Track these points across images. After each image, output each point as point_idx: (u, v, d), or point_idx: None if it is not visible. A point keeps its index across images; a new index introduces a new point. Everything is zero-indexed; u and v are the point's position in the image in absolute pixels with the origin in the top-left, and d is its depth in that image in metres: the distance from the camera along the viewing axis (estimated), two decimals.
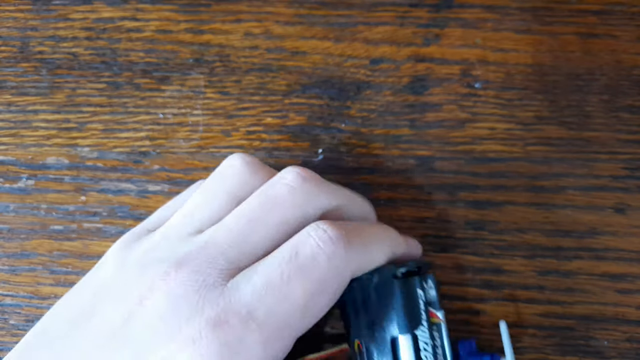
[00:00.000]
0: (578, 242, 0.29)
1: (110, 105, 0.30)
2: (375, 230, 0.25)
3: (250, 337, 0.20)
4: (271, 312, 0.20)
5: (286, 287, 0.21)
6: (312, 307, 0.21)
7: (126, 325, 0.21)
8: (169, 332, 0.20)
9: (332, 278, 0.21)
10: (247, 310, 0.20)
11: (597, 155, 0.29)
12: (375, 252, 0.24)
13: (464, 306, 0.29)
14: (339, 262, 0.21)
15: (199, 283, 0.21)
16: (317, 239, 0.22)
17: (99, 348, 0.21)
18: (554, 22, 0.30)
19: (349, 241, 0.22)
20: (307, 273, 0.21)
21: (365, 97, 0.30)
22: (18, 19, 0.31)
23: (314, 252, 0.21)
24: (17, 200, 0.29)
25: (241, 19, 0.30)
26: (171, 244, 0.23)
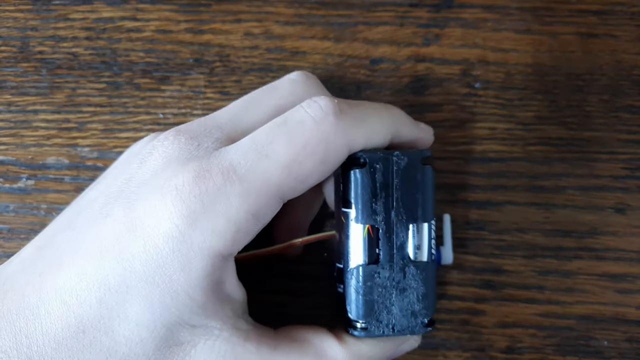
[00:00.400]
0: (578, 242, 0.29)
1: (110, 105, 0.30)
2: (377, 106, 0.24)
3: (230, 188, 0.21)
4: (252, 167, 0.21)
5: (269, 146, 0.21)
6: (296, 169, 0.21)
7: (126, 184, 0.22)
8: (158, 184, 0.21)
9: (318, 143, 0.21)
10: (230, 164, 0.21)
11: (597, 155, 0.29)
12: (375, 126, 0.23)
13: (464, 306, 0.29)
14: (327, 128, 0.22)
15: (193, 147, 0.22)
16: (307, 107, 0.22)
17: (102, 207, 0.22)
18: (554, 22, 0.30)
19: (341, 110, 0.22)
20: (291, 135, 0.21)
21: (366, 97, 0.30)
22: (18, 19, 0.31)
23: (301, 117, 0.22)
24: (17, 200, 0.29)
25: (241, 19, 0.30)
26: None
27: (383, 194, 0.23)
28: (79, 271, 0.21)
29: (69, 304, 0.21)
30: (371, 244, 0.23)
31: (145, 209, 0.21)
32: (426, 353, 0.28)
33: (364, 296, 0.23)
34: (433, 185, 0.23)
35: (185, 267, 0.20)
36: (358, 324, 0.23)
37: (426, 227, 0.23)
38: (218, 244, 0.21)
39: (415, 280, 0.23)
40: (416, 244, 0.23)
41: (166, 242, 0.20)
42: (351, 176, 0.23)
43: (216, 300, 0.21)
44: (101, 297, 0.20)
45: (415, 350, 0.28)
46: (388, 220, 0.23)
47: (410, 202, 0.23)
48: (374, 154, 0.23)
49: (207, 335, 0.22)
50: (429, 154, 0.23)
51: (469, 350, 0.28)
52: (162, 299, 0.21)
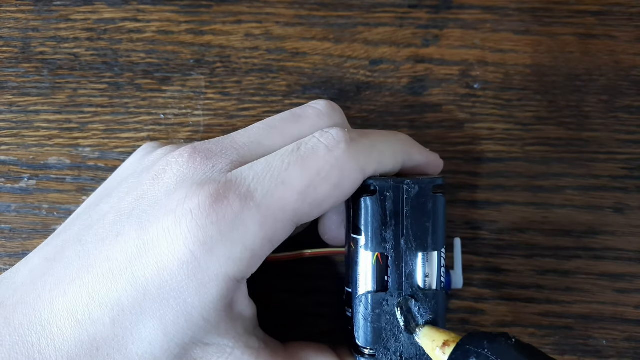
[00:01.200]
0: (577, 241, 0.29)
1: (112, 105, 0.30)
2: (387, 133, 0.25)
3: (247, 214, 0.21)
4: (269, 193, 0.21)
5: (285, 173, 0.21)
6: (311, 194, 0.21)
7: (138, 202, 0.22)
8: (172, 205, 0.21)
9: (331, 168, 0.22)
10: (247, 190, 0.21)
11: (595, 155, 0.30)
12: (386, 151, 0.23)
13: (463, 305, 0.29)
14: (339, 154, 0.22)
15: (208, 167, 0.22)
16: (319, 137, 0.22)
17: (113, 225, 0.22)
18: (552, 22, 0.30)
19: (352, 138, 0.22)
20: (305, 162, 0.22)
21: (365, 98, 0.30)
22: (19, 19, 0.31)
23: (314, 145, 0.22)
24: (19, 200, 0.30)
25: (242, 20, 0.30)
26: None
27: (393, 222, 0.23)
28: (90, 291, 0.21)
29: (81, 323, 0.21)
30: (380, 272, 0.23)
31: (159, 232, 0.21)
32: None
33: (372, 323, 0.23)
34: (444, 214, 0.23)
35: (200, 291, 0.21)
36: (366, 351, 0.23)
37: (436, 255, 0.23)
38: (234, 270, 0.21)
39: (424, 308, 0.23)
40: (425, 272, 0.23)
41: (181, 267, 0.20)
42: (361, 203, 0.23)
43: (229, 320, 0.22)
44: (115, 318, 0.21)
45: None
46: (397, 248, 0.23)
47: (420, 230, 0.23)
48: (385, 181, 0.23)
49: (220, 353, 0.22)
50: (441, 182, 0.23)
51: None
52: (176, 320, 0.21)
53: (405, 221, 0.23)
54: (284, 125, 0.24)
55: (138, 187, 0.23)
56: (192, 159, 0.23)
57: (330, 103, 0.25)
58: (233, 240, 0.21)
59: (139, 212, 0.22)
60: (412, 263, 0.23)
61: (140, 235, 0.21)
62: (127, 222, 0.22)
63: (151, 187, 0.22)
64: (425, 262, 0.23)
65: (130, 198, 0.23)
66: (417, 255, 0.23)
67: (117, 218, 0.22)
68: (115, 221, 0.22)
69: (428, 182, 0.23)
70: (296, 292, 0.29)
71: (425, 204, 0.23)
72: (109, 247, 0.21)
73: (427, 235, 0.23)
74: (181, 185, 0.22)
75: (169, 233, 0.21)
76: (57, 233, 0.24)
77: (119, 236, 0.22)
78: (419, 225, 0.23)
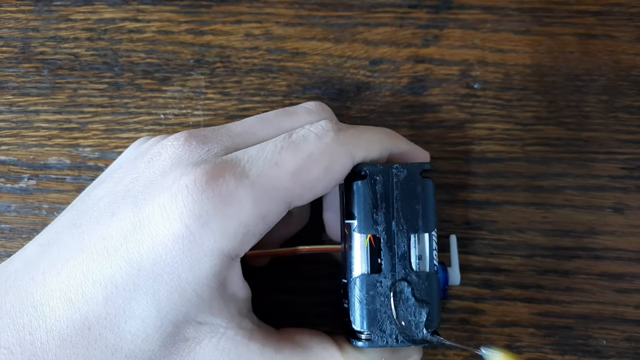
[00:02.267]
0: (577, 241, 0.29)
1: (112, 105, 0.30)
2: (373, 127, 0.26)
3: (242, 191, 0.21)
4: (263, 173, 0.22)
5: (278, 156, 0.22)
6: (303, 176, 0.22)
7: (133, 183, 0.23)
8: (167, 183, 0.22)
9: (321, 153, 0.22)
10: (242, 170, 0.22)
11: (595, 155, 0.30)
12: (373, 139, 0.24)
13: (463, 305, 0.29)
14: (328, 141, 0.23)
15: (203, 150, 0.23)
16: (309, 126, 0.23)
17: (108, 206, 0.22)
18: (552, 22, 0.30)
19: (340, 128, 0.24)
20: (297, 146, 0.22)
21: (365, 98, 0.30)
22: (19, 19, 0.31)
23: (305, 133, 0.23)
24: (19, 200, 0.30)
25: (242, 20, 0.30)
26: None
27: (384, 204, 0.23)
28: (84, 270, 0.21)
29: (74, 302, 0.21)
30: (373, 254, 0.23)
31: (154, 208, 0.21)
32: (425, 352, 0.28)
33: (366, 305, 0.23)
34: (433, 198, 0.24)
35: (194, 266, 0.21)
36: (362, 335, 0.23)
37: (427, 237, 0.24)
38: (228, 245, 0.21)
39: (418, 290, 0.23)
40: (418, 254, 0.23)
41: (176, 242, 0.21)
42: (353, 188, 0.23)
43: (222, 299, 0.22)
44: (108, 295, 0.21)
45: None
46: (389, 230, 0.23)
47: (410, 213, 0.23)
48: (375, 166, 0.23)
49: (213, 332, 0.22)
50: (429, 167, 0.24)
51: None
52: (170, 296, 0.21)
53: (396, 204, 0.23)
54: (277, 119, 0.25)
55: (133, 171, 0.23)
56: (188, 143, 0.23)
57: (320, 103, 0.26)
58: (228, 216, 0.21)
59: (134, 192, 0.22)
60: (404, 245, 0.23)
61: (136, 213, 0.21)
62: (122, 202, 0.22)
63: (146, 169, 0.23)
64: (417, 244, 0.24)
65: (126, 181, 0.23)
66: (408, 237, 0.23)
67: (112, 200, 0.22)
68: (110, 203, 0.22)
69: (416, 166, 0.24)
70: (297, 293, 0.29)
71: (414, 188, 0.24)
72: (104, 226, 0.22)
73: (417, 217, 0.23)
74: (177, 166, 0.22)
75: (164, 208, 0.21)
76: (52, 223, 0.25)
77: (114, 216, 0.22)
78: (409, 207, 0.23)
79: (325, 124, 0.23)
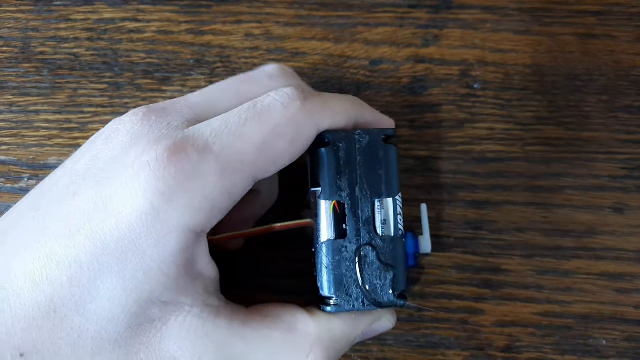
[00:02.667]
0: (576, 241, 0.29)
1: (112, 105, 0.30)
2: (339, 94, 0.25)
3: (206, 166, 0.21)
4: (227, 146, 0.21)
5: (242, 127, 0.22)
6: (268, 149, 0.22)
7: (93, 162, 0.22)
8: (129, 160, 0.21)
9: (287, 123, 0.22)
10: (205, 143, 0.21)
11: (595, 155, 0.30)
12: (339, 107, 0.24)
13: (462, 305, 0.29)
14: (294, 111, 0.22)
15: (163, 125, 0.22)
16: (274, 94, 0.23)
17: (68, 186, 0.22)
18: (552, 22, 0.30)
19: (305, 97, 0.23)
20: (262, 117, 0.22)
21: (365, 98, 0.30)
22: (19, 19, 0.31)
23: (270, 102, 0.23)
24: (19, 200, 0.30)
25: (242, 20, 0.30)
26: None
27: (347, 171, 0.24)
28: (48, 252, 0.21)
29: (39, 284, 0.20)
30: (338, 220, 0.24)
31: (116, 187, 0.21)
32: (425, 352, 0.28)
33: (333, 271, 0.23)
34: (397, 163, 0.24)
35: (159, 243, 0.21)
36: (331, 301, 0.23)
37: (391, 202, 0.24)
38: (193, 220, 0.21)
39: (383, 254, 0.23)
40: (382, 219, 0.24)
41: (140, 219, 0.20)
42: (317, 155, 0.24)
43: (188, 277, 0.22)
44: (72, 276, 0.20)
45: (414, 349, 0.28)
46: (353, 196, 0.24)
47: (373, 178, 0.24)
48: (337, 133, 0.24)
49: (178, 311, 0.22)
50: (392, 132, 0.24)
51: (468, 349, 0.29)
52: (135, 274, 0.21)
53: (359, 170, 0.24)
54: (238, 86, 0.25)
55: (91, 149, 0.23)
56: (147, 117, 0.23)
57: (281, 66, 0.26)
58: (192, 191, 0.21)
59: (94, 170, 0.22)
60: (367, 210, 0.24)
61: (98, 192, 0.21)
62: (82, 182, 0.22)
63: (104, 147, 0.22)
64: (381, 209, 0.24)
65: (84, 160, 0.22)
66: (372, 202, 0.24)
67: (72, 180, 0.22)
68: (70, 183, 0.22)
69: (378, 132, 0.24)
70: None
71: (376, 153, 0.24)
72: (66, 207, 0.21)
73: (380, 182, 0.24)
74: (137, 142, 0.22)
75: (127, 186, 0.21)
76: (12, 208, 0.24)
77: (76, 195, 0.21)
78: (372, 173, 0.24)
79: (291, 92, 0.23)
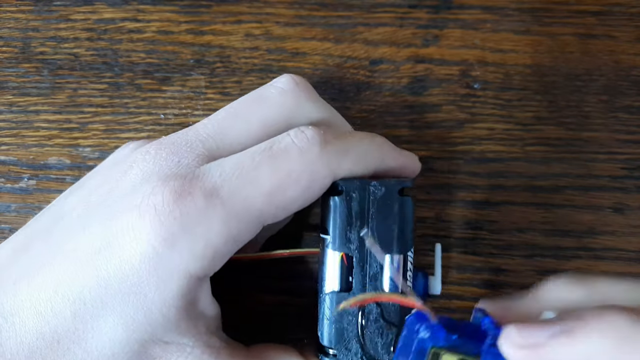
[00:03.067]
0: (577, 241, 0.29)
1: (112, 105, 0.30)
2: (362, 135, 0.24)
3: (211, 211, 0.20)
4: (236, 192, 0.21)
5: (253, 172, 0.21)
6: (279, 196, 0.21)
7: (106, 195, 0.22)
8: (137, 200, 0.21)
9: (303, 171, 0.21)
10: (212, 187, 0.21)
11: (595, 155, 0.30)
12: (359, 155, 0.23)
13: (463, 305, 0.29)
14: (312, 157, 0.21)
15: (173, 162, 0.22)
16: (293, 136, 0.22)
17: (81, 217, 0.22)
18: (552, 22, 0.30)
19: (326, 140, 0.22)
20: (276, 162, 0.21)
21: (365, 98, 0.30)
22: (19, 19, 0.31)
23: (287, 146, 0.22)
24: (19, 200, 0.30)
25: (242, 20, 0.30)
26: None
27: (358, 223, 0.23)
28: (54, 283, 0.21)
29: (43, 315, 0.21)
30: (344, 272, 0.23)
31: (123, 226, 0.21)
32: None
33: (334, 323, 0.23)
34: (412, 216, 0.23)
35: (160, 287, 0.20)
36: (330, 351, 0.23)
37: (401, 259, 0.23)
38: (195, 266, 0.21)
39: (387, 312, 0.23)
40: (391, 276, 0.23)
41: (142, 262, 0.20)
42: (328, 203, 0.23)
43: (190, 318, 0.22)
44: (76, 311, 0.21)
45: None
46: (362, 249, 0.23)
47: (385, 232, 0.23)
48: (352, 182, 0.23)
49: (179, 352, 0.22)
50: (410, 184, 0.23)
51: None
52: (136, 316, 0.21)
53: (371, 223, 0.23)
54: (248, 110, 0.24)
55: (107, 182, 0.23)
56: (158, 154, 0.22)
57: (292, 79, 0.24)
58: (195, 236, 0.20)
59: (105, 206, 0.22)
60: (376, 265, 0.23)
61: (105, 229, 0.21)
62: (94, 215, 0.22)
63: (119, 182, 0.22)
64: (391, 264, 0.23)
65: (100, 192, 0.23)
66: (382, 257, 0.23)
67: (85, 211, 0.22)
68: (83, 214, 0.22)
69: (395, 184, 0.23)
70: (295, 293, 0.29)
71: (391, 206, 0.23)
72: (76, 239, 0.21)
73: (392, 237, 0.23)
74: (147, 180, 0.22)
75: (132, 228, 0.21)
76: (28, 225, 0.24)
77: (85, 229, 0.22)
78: (385, 227, 0.23)
79: (311, 136, 0.22)
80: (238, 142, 0.23)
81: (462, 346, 0.19)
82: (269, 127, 0.23)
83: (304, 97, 0.24)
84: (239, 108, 0.24)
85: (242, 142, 0.23)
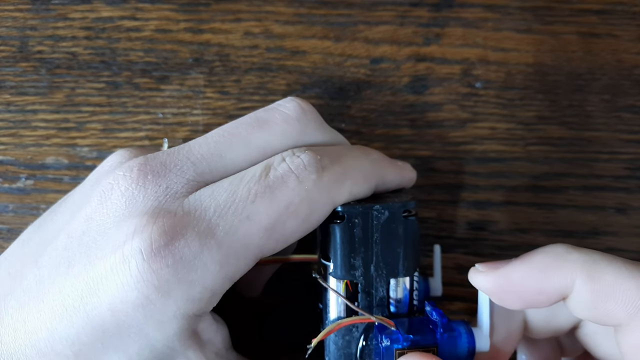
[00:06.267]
0: (579, 242, 0.29)
1: (110, 105, 0.30)
2: (358, 154, 0.23)
3: (207, 255, 0.19)
4: (232, 230, 0.19)
5: (250, 207, 0.20)
6: (278, 230, 0.20)
7: (87, 224, 0.20)
8: (120, 240, 0.19)
9: (301, 202, 0.20)
10: (207, 226, 0.19)
11: (598, 155, 0.29)
12: (358, 179, 0.22)
13: (464, 306, 0.29)
14: (311, 186, 0.20)
15: (161, 189, 0.20)
16: (289, 162, 0.21)
17: (66, 249, 0.21)
18: (554, 21, 0.30)
19: (323, 167, 0.21)
20: (274, 193, 0.20)
21: (366, 97, 0.30)
22: (17, 18, 0.30)
23: (284, 174, 0.20)
24: (16, 200, 0.29)
25: (241, 18, 0.30)
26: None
27: (362, 249, 0.22)
28: (48, 325, 0.20)
29: (46, 354, 0.20)
30: (349, 300, 0.22)
31: (106, 270, 0.19)
32: None
33: (341, 349, 0.22)
34: (417, 236, 0.22)
35: (161, 328, 0.19)
36: None
37: (407, 281, 0.23)
38: (193, 309, 0.20)
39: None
40: (397, 298, 0.23)
41: (137, 310, 0.19)
42: (329, 230, 0.22)
43: (197, 347, 0.21)
44: (77, 352, 0.20)
45: None
46: (367, 275, 0.22)
47: (390, 256, 0.22)
48: (353, 208, 0.22)
49: None
50: (413, 204, 0.22)
51: None
52: (141, 352, 0.20)
53: (375, 247, 0.22)
54: (248, 133, 0.22)
55: (87, 206, 0.21)
56: (142, 176, 0.20)
57: (299, 105, 0.23)
58: (191, 282, 0.19)
59: (87, 239, 0.20)
60: (382, 290, 0.22)
61: (89, 271, 0.20)
62: (77, 250, 0.20)
63: (99, 209, 0.21)
64: (397, 287, 0.22)
65: (81, 218, 0.21)
66: (387, 282, 0.22)
67: (69, 242, 0.21)
68: (66, 246, 0.21)
69: (398, 207, 0.22)
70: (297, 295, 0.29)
71: (395, 230, 0.22)
72: (62, 278, 0.20)
73: (397, 261, 0.22)
74: (130, 214, 0.20)
75: (117, 274, 0.19)
76: (21, 240, 0.23)
77: (70, 267, 0.20)
78: (390, 251, 0.22)
79: (308, 162, 0.21)
80: (233, 165, 0.21)
81: (420, 341, 0.21)
82: (268, 154, 0.22)
83: (312, 127, 0.23)
84: (239, 129, 0.22)
85: (238, 166, 0.22)
